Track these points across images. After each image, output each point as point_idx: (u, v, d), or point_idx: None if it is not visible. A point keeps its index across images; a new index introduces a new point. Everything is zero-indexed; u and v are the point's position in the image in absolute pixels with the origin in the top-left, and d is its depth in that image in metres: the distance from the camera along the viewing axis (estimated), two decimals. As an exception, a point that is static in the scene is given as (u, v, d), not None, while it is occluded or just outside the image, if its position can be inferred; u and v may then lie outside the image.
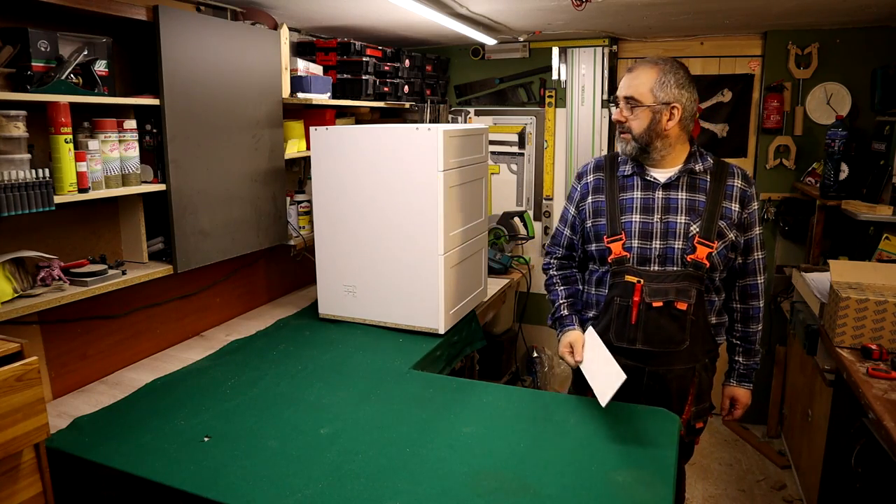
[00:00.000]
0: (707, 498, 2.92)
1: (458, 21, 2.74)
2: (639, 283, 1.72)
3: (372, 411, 1.80)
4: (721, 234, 1.71)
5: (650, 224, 1.73)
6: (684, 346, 1.73)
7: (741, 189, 1.75)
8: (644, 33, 3.40)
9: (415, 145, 2.23)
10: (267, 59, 2.38)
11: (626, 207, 1.77)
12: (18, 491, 1.38)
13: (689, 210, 1.72)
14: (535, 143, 3.77)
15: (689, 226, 1.71)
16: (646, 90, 1.69)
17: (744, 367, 1.88)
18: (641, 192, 1.77)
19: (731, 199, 1.74)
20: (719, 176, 1.75)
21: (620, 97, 1.73)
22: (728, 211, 1.73)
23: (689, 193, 1.74)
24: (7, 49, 1.62)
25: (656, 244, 1.72)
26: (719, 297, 1.81)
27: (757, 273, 1.82)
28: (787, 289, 3.21)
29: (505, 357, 3.62)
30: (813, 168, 3.23)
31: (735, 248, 1.76)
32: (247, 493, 1.41)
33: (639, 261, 1.74)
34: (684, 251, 1.70)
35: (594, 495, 1.38)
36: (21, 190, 1.57)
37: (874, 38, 3.06)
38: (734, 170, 1.78)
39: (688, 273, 1.70)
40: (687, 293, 1.70)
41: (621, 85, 1.74)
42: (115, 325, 2.12)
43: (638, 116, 1.71)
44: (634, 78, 1.71)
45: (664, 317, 1.71)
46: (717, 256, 1.70)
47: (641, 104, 1.70)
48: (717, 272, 1.75)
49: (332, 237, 2.45)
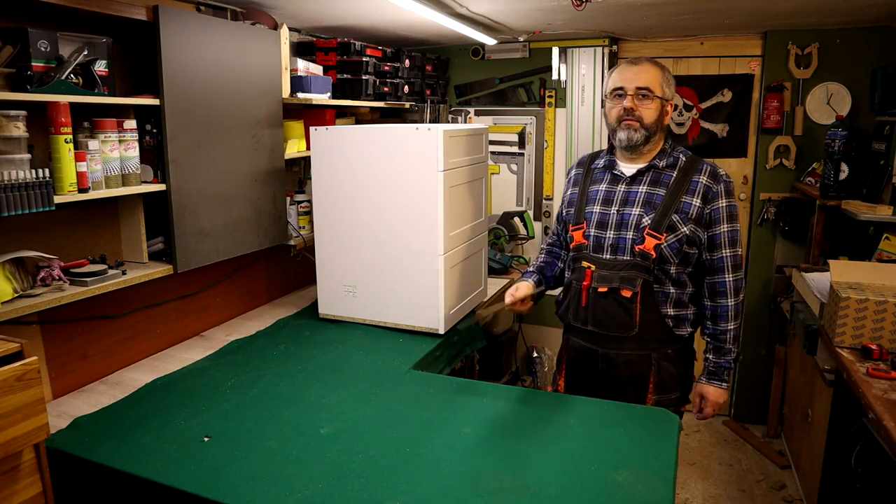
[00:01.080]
0: (707, 498, 2.92)
1: (458, 21, 2.74)
2: (589, 269, 1.84)
3: (372, 411, 1.80)
4: (672, 227, 1.77)
5: (608, 215, 1.84)
6: (633, 332, 1.81)
7: (706, 185, 1.79)
8: (644, 33, 3.40)
9: (415, 145, 2.23)
10: (267, 59, 2.38)
11: (591, 199, 1.89)
12: (18, 491, 1.38)
13: (646, 203, 1.81)
14: (535, 143, 3.77)
15: (641, 217, 1.79)
16: (656, 83, 1.79)
17: (713, 364, 1.90)
18: (607, 185, 1.89)
19: (692, 195, 1.79)
20: (686, 171, 1.82)
21: (630, 88, 1.78)
22: (686, 206, 1.78)
23: (650, 187, 1.82)
24: (7, 49, 1.62)
25: (610, 234, 1.83)
26: (679, 289, 1.84)
27: (724, 271, 1.84)
28: (787, 289, 3.21)
29: (505, 357, 3.62)
30: (813, 168, 3.23)
31: (692, 242, 1.80)
32: (247, 493, 1.41)
33: (594, 248, 1.85)
34: (634, 241, 1.79)
35: (594, 495, 1.38)
36: (21, 190, 1.57)
37: (874, 38, 3.06)
38: (704, 167, 1.83)
39: (635, 263, 1.78)
40: (632, 282, 1.78)
41: (627, 77, 1.80)
42: (115, 325, 2.12)
43: (649, 107, 1.79)
44: (643, 71, 1.79)
45: (610, 302, 1.81)
46: (666, 249, 1.77)
47: (654, 95, 1.79)
48: (671, 265, 1.80)
49: (332, 237, 2.45)
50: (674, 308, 1.84)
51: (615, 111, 1.82)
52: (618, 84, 1.81)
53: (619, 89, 1.81)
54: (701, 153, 3.47)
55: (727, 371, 1.90)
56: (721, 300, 1.85)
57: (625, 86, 1.79)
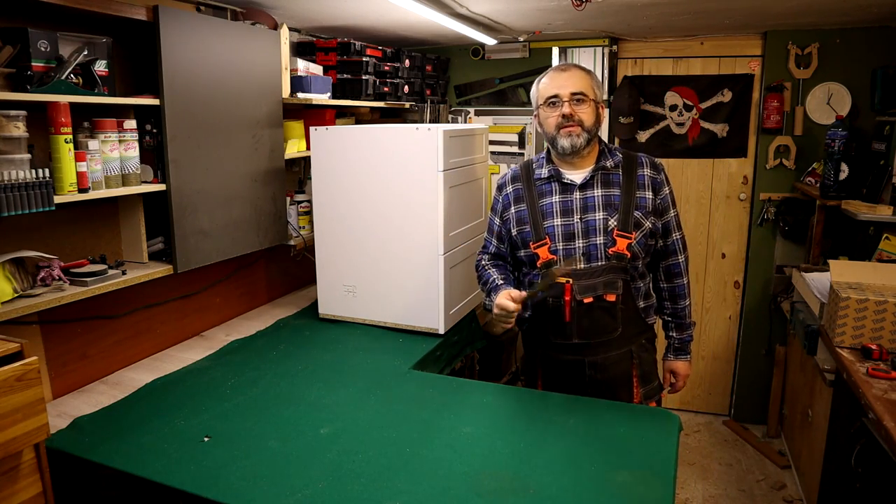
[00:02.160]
0: (707, 498, 2.92)
1: (458, 21, 2.74)
2: (568, 283, 1.79)
3: (372, 411, 1.80)
4: (638, 223, 1.80)
5: (571, 225, 1.81)
6: (617, 333, 1.83)
7: (651, 177, 1.84)
8: (644, 33, 3.40)
9: (415, 145, 2.23)
10: (267, 59, 2.38)
11: (547, 212, 1.84)
12: (18, 491, 1.38)
13: (606, 206, 1.81)
14: (535, 143, 3.77)
15: (607, 221, 1.79)
16: (588, 86, 1.81)
17: (678, 341, 1.99)
18: (559, 196, 1.84)
19: (643, 188, 1.82)
20: (629, 168, 1.84)
21: (565, 94, 1.78)
22: (643, 200, 1.81)
23: (604, 190, 1.82)
24: (7, 49, 1.62)
25: (579, 243, 1.80)
26: (644, 281, 1.90)
27: (678, 252, 1.92)
28: (787, 289, 3.21)
29: (505, 357, 3.62)
30: (813, 168, 3.23)
31: (654, 234, 1.84)
32: (247, 493, 1.41)
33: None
34: (606, 245, 1.78)
35: (594, 495, 1.38)
36: (21, 190, 1.57)
37: (874, 38, 3.06)
38: (642, 160, 1.87)
39: (612, 266, 1.79)
40: (614, 285, 1.79)
41: (559, 84, 1.79)
42: (115, 325, 2.12)
43: (586, 110, 1.79)
44: (572, 77, 1.80)
45: (595, 310, 1.80)
46: (636, 246, 1.79)
47: (588, 98, 1.80)
48: (640, 260, 1.83)
49: (332, 237, 2.45)
50: (644, 300, 1.89)
51: (552, 120, 1.79)
52: (552, 92, 1.79)
53: (553, 97, 1.79)
54: (701, 153, 3.53)
55: (689, 344, 2.00)
56: (678, 280, 1.93)
57: (559, 93, 1.78)
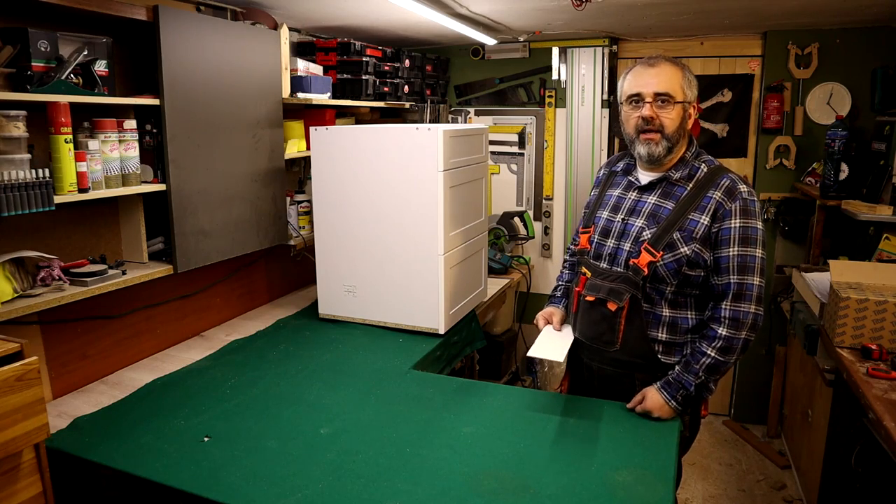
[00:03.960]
0: (707, 498, 2.92)
1: (458, 21, 2.74)
2: (584, 276, 1.77)
3: (372, 411, 1.80)
4: (672, 245, 1.61)
5: (613, 223, 1.75)
6: (613, 348, 1.73)
7: (718, 201, 1.61)
8: (644, 33, 3.40)
9: (415, 145, 2.23)
10: (267, 59, 2.38)
11: (603, 204, 1.80)
12: (18, 491, 1.38)
13: (651, 215, 1.67)
14: (535, 143, 3.77)
15: (643, 230, 1.67)
16: (677, 86, 1.62)
17: (674, 375, 1.65)
18: (621, 191, 1.78)
19: (702, 212, 1.61)
20: (702, 185, 1.64)
21: (648, 93, 1.61)
22: (692, 223, 1.61)
23: (659, 199, 1.68)
24: (7, 49, 1.62)
25: (611, 243, 1.73)
26: (675, 312, 1.68)
27: (726, 297, 1.61)
28: (787, 289, 3.21)
29: (505, 357, 3.62)
30: (813, 168, 3.23)
31: (694, 264, 1.62)
32: (247, 493, 1.41)
33: (594, 255, 1.77)
34: (630, 254, 1.68)
35: (594, 495, 1.38)
36: (21, 190, 1.57)
37: (874, 38, 3.06)
38: (722, 181, 1.63)
39: (627, 276, 1.68)
40: (619, 295, 1.67)
41: (644, 81, 1.62)
42: (115, 325, 2.12)
43: (670, 114, 1.62)
44: (661, 73, 1.61)
45: (596, 312, 1.74)
46: (662, 268, 1.62)
47: (675, 100, 1.62)
48: (667, 285, 1.64)
49: (332, 237, 2.45)
50: (667, 333, 1.68)
51: (633, 121, 1.65)
52: (634, 90, 1.63)
53: (635, 96, 1.63)
54: (701, 153, 3.52)
55: (682, 393, 1.64)
56: (714, 325, 1.63)
57: (642, 91, 1.61)
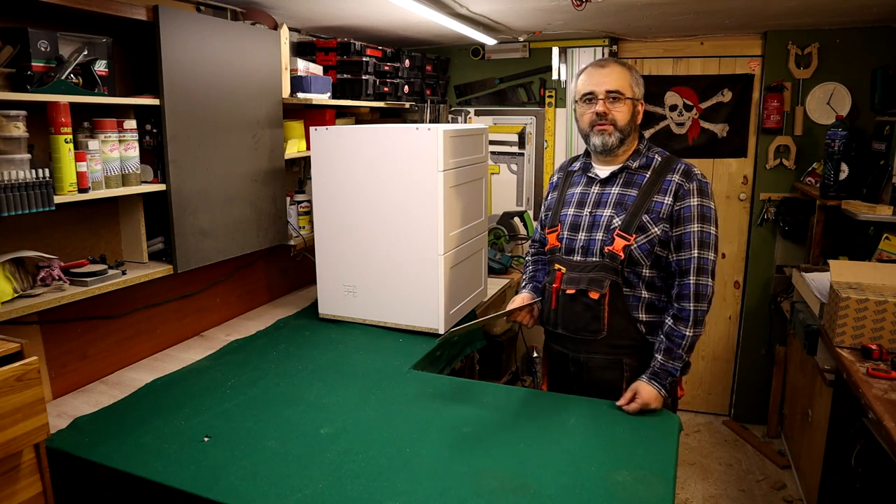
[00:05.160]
0: (707, 498, 2.92)
1: (458, 21, 2.74)
2: (560, 272, 1.83)
3: (372, 411, 1.80)
4: (643, 227, 1.74)
5: (580, 217, 1.84)
6: (601, 335, 1.79)
7: (678, 183, 1.75)
8: (644, 33, 3.40)
9: (415, 145, 2.23)
10: (267, 59, 2.38)
11: (567, 202, 1.89)
12: (18, 491, 1.38)
13: (617, 204, 1.79)
14: (535, 143, 3.77)
15: (612, 218, 1.78)
16: (626, 84, 1.78)
17: (660, 365, 1.72)
18: (582, 188, 1.88)
19: (664, 194, 1.75)
20: (660, 172, 1.79)
21: (601, 91, 1.77)
22: (658, 205, 1.75)
23: (622, 188, 1.81)
24: (7, 49, 1.62)
25: (582, 236, 1.82)
26: (652, 293, 1.79)
27: (690, 273, 1.72)
28: (787, 289, 3.21)
29: (505, 357, 3.62)
30: (813, 168, 3.23)
31: (664, 244, 1.75)
32: (247, 493, 1.41)
33: (566, 251, 1.84)
34: (604, 243, 1.77)
35: (594, 495, 1.38)
36: (21, 190, 1.57)
37: (874, 38, 3.06)
38: (678, 166, 1.79)
39: (604, 264, 1.76)
40: (600, 283, 1.76)
41: (596, 81, 1.78)
42: (115, 325, 2.12)
43: (621, 109, 1.77)
44: (612, 73, 1.78)
45: (578, 304, 1.80)
46: (636, 250, 1.74)
47: (625, 97, 1.77)
48: (642, 266, 1.76)
49: (332, 237, 2.45)
50: (647, 313, 1.79)
51: (587, 116, 1.80)
52: (588, 88, 1.79)
53: (589, 94, 1.79)
54: (701, 153, 3.53)
55: (671, 377, 1.72)
56: (684, 303, 1.73)
57: (595, 90, 1.77)
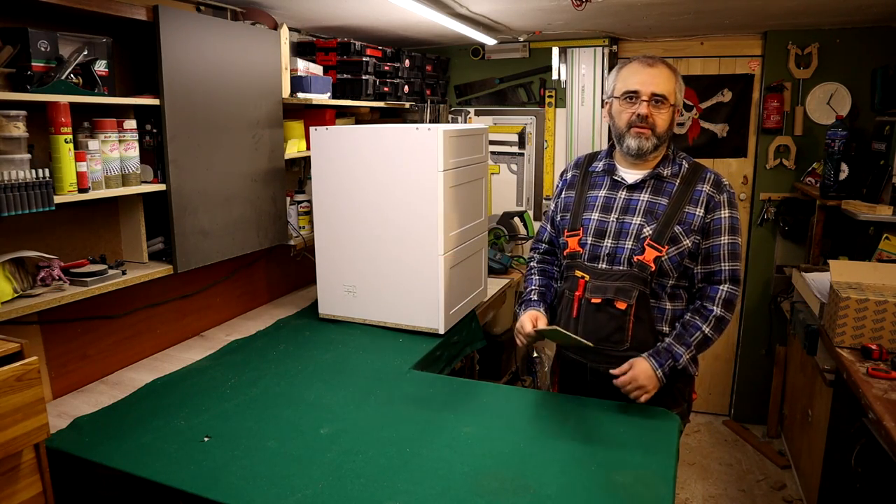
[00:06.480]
0: (707, 498, 2.92)
1: (458, 21, 2.74)
2: (583, 280, 1.75)
3: (372, 411, 1.80)
4: (674, 239, 1.69)
5: (606, 223, 1.75)
6: (624, 347, 1.72)
7: (708, 194, 1.71)
8: (644, 33, 3.40)
9: (415, 145, 2.23)
10: (267, 59, 2.38)
11: (589, 205, 1.80)
12: (18, 491, 1.38)
13: (647, 212, 1.72)
14: (535, 143, 3.77)
15: (642, 227, 1.71)
16: (671, 90, 1.69)
17: (666, 345, 1.68)
18: (606, 191, 1.79)
19: (695, 205, 1.71)
20: (689, 180, 1.73)
21: (646, 92, 1.67)
22: (689, 216, 1.70)
23: (651, 196, 1.74)
24: (7, 49, 1.62)
25: (608, 243, 1.74)
26: (674, 305, 1.74)
27: (721, 282, 1.71)
28: (787, 289, 3.21)
29: (505, 357, 3.62)
30: (813, 168, 3.23)
31: (693, 256, 1.71)
32: (247, 493, 1.41)
33: (589, 257, 1.76)
34: (633, 251, 1.70)
35: (594, 495, 1.38)
36: (21, 190, 1.57)
37: (874, 38, 3.06)
38: (707, 175, 1.74)
39: (632, 273, 1.70)
40: (628, 293, 1.69)
41: (641, 80, 1.68)
42: (115, 325, 2.12)
43: (663, 115, 1.69)
44: (660, 75, 1.69)
45: (603, 314, 1.73)
46: (667, 262, 1.69)
47: (668, 102, 1.69)
48: (669, 278, 1.71)
49: (332, 237, 2.45)
50: (670, 326, 1.74)
51: (625, 116, 1.70)
52: (632, 87, 1.68)
53: (632, 93, 1.68)
54: (701, 153, 3.53)
55: (671, 363, 1.67)
56: (708, 304, 1.71)
57: (640, 89, 1.67)
